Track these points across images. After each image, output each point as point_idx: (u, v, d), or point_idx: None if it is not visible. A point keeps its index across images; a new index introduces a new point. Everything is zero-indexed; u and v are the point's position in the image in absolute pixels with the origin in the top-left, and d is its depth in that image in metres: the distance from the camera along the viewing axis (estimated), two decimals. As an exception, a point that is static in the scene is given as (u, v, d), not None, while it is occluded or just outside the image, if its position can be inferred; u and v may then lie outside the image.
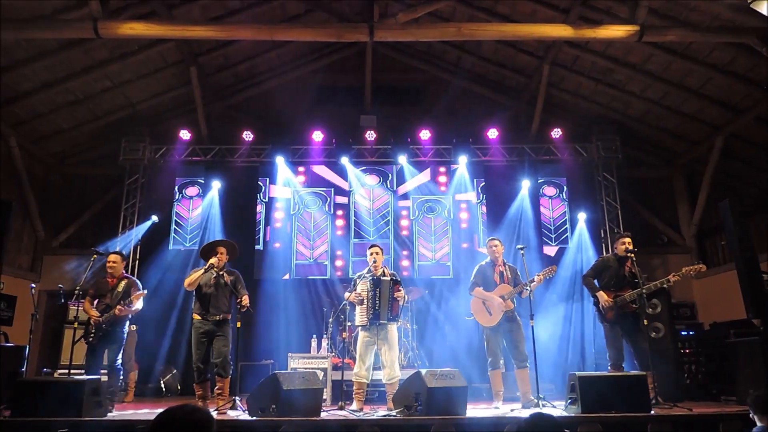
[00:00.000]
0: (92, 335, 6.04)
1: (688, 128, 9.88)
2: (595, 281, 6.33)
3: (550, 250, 10.11)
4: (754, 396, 3.52)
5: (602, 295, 6.12)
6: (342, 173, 10.55)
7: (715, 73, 8.47)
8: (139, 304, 6.31)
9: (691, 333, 8.29)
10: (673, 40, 7.76)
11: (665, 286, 6.01)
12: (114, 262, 6.40)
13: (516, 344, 6.05)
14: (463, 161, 10.13)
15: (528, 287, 6.04)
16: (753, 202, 9.40)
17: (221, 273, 6.04)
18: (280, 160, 10.13)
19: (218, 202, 10.06)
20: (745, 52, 7.83)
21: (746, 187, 9.78)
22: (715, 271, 9.71)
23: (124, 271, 6.53)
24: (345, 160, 10.22)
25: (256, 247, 10.14)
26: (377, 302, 5.89)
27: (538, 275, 6.07)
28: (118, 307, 6.05)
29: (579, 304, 9.18)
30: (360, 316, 6.00)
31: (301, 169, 10.61)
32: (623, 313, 6.01)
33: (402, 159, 10.19)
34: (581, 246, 9.89)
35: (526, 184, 10.15)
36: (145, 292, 6.35)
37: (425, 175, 10.58)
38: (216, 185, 10.13)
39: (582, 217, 9.92)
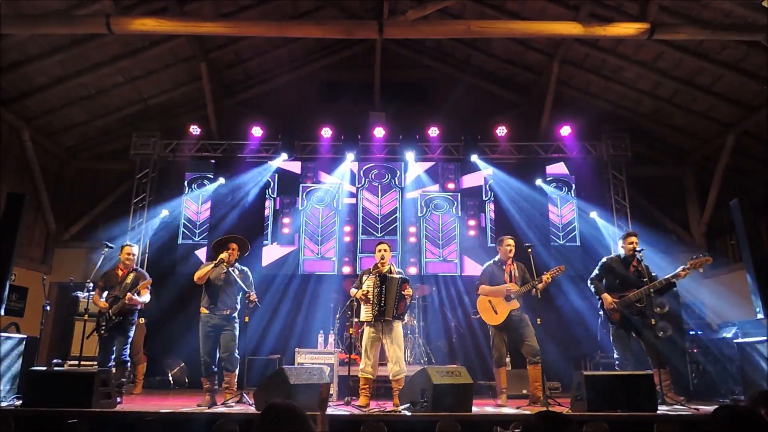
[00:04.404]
0: (103, 327, 6.15)
1: (699, 126, 9.82)
2: (603, 282, 6.27)
3: (558, 248, 10.08)
4: (752, 394, 3.54)
5: (606, 298, 6.07)
6: (350, 169, 10.57)
7: (726, 70, 8.42)
8: (146, 296, 6.43)
9: (699, 332, 8.24)
10: (685, 38, 7.70)
11: (673, 281, 5.86)
12: (131, 254, 6.56)
13: (526, 340, 6.06)
14: (471, 158, 10.12)
15: (536, 286, 6.04)
16: (764, 201, 9.32)
17: (231, 269, 6.08)
18: (288, 156, 10.18)
19: (227, 198, 10.14)
20: (757, 50, 7.76)
21: (757, 186, 9.70)
22: (724, 270, 9.66)
23: (134, 264, 6.64)
24: (353, 157, 10.25)
25: (264, 242, 10.20)
26: (383, 299, 5.88)
27: (546, 274, 6.05)
28: (128, 295, 6.16)
29: (584, 302, 9.14)
30: (365, 312, 6.01)
31: (309, 165, 10.65)
32: (630, 313, 5.95)
33: (410, 156, 10.20)
34: (589, 244, 9.86)
35: (534, 182, 10.13)
36: (151, 280, 6.48)
37: (433, 172, 10.59)
38: (225, 180, 10.21)
39: (590, 215, 9.89)
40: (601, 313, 6.22)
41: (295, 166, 10.58)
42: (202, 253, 10.04)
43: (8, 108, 8.89)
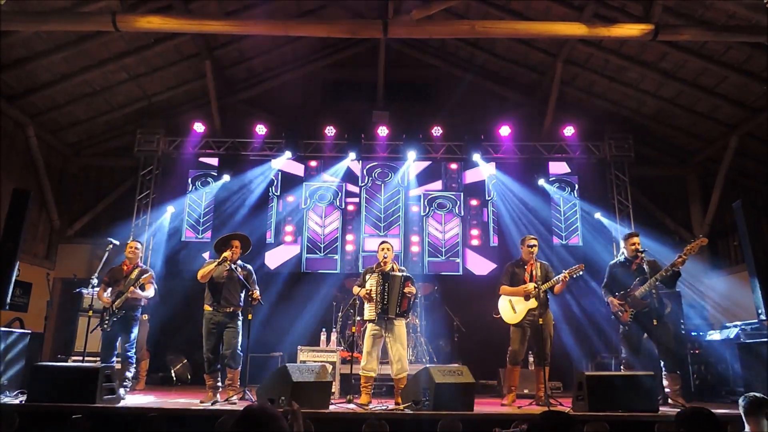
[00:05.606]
0: (107, 322, 6.18)
1: (702, 127, 9.81)
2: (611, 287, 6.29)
3: (560, 248, 10.07)
4: (744, 399, 3.58)
5: (612, 301, 6.13)
6: (353, 168, 10.59)
7: (730, 72, 8.41)
8: (150, 291, 6.46)
9: (700, 333, 8.25)
10: (688, 39, 7.69)
11: (675, 269, 5.78)
12: (135, 248, 6.59)
13: (540, 343, 6.09)
14: (475, 158, 10.13)
15: (539, 287, 6.06)
16: (767, 202, 9.32)
17: (234, 266, 6.10)
18: (291, 155, 10.21)
19: (230, 195, 10.18)
20: (760, 51, 7.76)
21: (761, 187, 9.70)
22: (727, 271, 9.66)
23: (139, 261, 6.66)
24: (354, 155, 10.26)
25: (268, 240, 10.23)
26: (386, 297, 5.92)
27: (565, 273, 6.07)
28: (131, 289, 6.20)
29: (584, 301, 9.16)
30: (369, 310, 6.03)
31: (313, 163, 10.68)
32: (639, 312, 5.96)
33: (413, 155, 10.21)
34: (591, 245, 9.87)
35: (537, 182, 10.15)
36: (152, 273, 6.51)
37: (436, 171, 10.62)
38: (228, 178, 10.24)
39: (595, 216, 9.90)
40: (613, 317, 6.25)
41: (299, 165, 10.61)
42: (207, 255, 10.05)
43: (13, 104, 8.92)
